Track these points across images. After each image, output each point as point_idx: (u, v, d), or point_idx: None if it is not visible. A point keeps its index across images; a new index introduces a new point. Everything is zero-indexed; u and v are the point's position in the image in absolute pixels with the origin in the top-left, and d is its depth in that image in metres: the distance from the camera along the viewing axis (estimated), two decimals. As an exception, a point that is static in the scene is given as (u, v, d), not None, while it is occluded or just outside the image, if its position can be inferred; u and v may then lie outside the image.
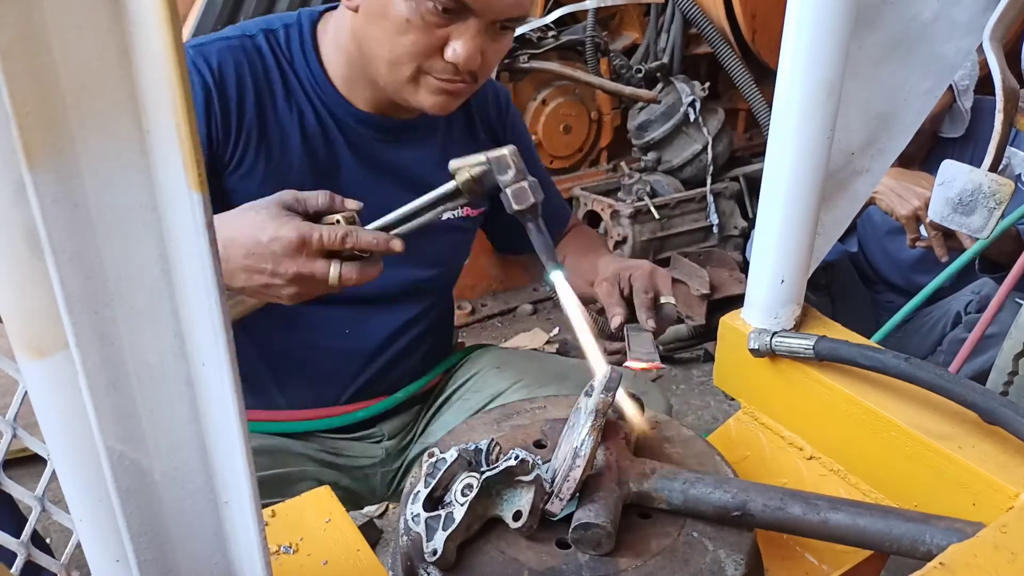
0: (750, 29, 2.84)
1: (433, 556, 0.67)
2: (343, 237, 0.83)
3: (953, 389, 0.78)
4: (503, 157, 0.84)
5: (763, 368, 0.97)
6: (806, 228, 0.91)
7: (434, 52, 0.99)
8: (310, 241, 0.82)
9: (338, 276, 0.84)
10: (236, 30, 1.11)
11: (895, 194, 1.75)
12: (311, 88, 1.11)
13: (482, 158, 0.84)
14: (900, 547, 0.69)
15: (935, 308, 2.03)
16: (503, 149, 0.84)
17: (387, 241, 0.85)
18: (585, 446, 0.70)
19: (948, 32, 0.91)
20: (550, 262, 0.86)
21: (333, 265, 0.84)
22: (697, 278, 2.78)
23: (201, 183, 0.36)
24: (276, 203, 0.85)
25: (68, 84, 0.34)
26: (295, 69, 1.10)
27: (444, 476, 0.70)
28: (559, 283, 0.85)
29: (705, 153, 2.97)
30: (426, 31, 0.97)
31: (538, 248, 0.87)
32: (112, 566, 0.44)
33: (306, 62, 1.11)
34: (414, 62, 1.00)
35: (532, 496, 0.69)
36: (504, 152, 0.84)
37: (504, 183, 0.84)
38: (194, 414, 0.42)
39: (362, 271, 0.85)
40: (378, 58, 1.02)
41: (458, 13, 0.96)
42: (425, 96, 1.04)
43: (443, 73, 1.01)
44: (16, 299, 0.37)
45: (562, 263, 1.32)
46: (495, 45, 1.03)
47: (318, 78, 1.11)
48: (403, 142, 1.17)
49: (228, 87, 1.05)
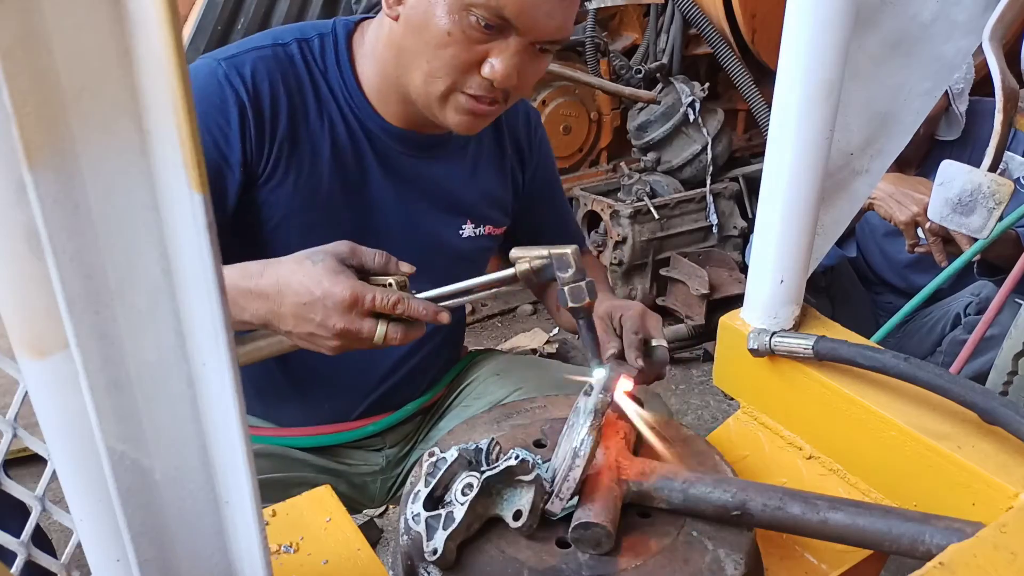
0: (750, 29, 2.84)
1: (433, 555, 0.67)
2: (394, 303, 0.85)
3: (953, 389, 0.78)
4: (565, 256, 0.86)
5: (762, 368, 0.97)
6: (805, 228, 0.91)
7: (472, 68, 0.99)
8: (363, 301, 0.83)
9: (383, 337, 0.86)
10: (268, 38, 1.10)
11: (894, 200, 1.75)
12: (343, 100, 1.10)
13: (544, 252, 0.87)
14: (899, 547, 0.69)
15: (934, 309, 2.03)
16: (566, 248, 0.87)
17: (436, 313, 0.87)
18: (585, 446, 0.70)
19: (948, 32, 0.91)
20: (595, 359, 0.89)
21: (380, 324, 0.85)
22: (696, 278, 2.80)
23: (202, 183, 0.36)
24: (333, 255, 0.86)
25: (68, 84, 0.34)
26: (328, 80, 1.10)
27: (444, 475, 0.70)
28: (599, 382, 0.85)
29: (705, 153, 2.97)
30: (466, 45, 0.97)
31: (586, 344, 0.90)
32: (112, 566, 0.44)
33: (340, 73, 1.10)
34: (450, 76, 1.00)
35: (532, 496, 0.69)
36: (567, 251, 0.86)
37: (563, 281, 0.87)
38: (194, 414, 0.42)
39: (406, 333, 0.87)
40: (415, 69, 1.02)
41: (500, 30, 0.96)
42: (452, 115, 1.04)
43: (477, 90, 1.00)
44: (16, 299, 0.37)
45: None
46: (532, 66, 1.02)
47: (351, 89, 1.10)
48: (434, 157, 1.17)
49: (263, 101, 1.04)
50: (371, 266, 0.88)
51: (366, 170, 1.12)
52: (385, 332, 0.85)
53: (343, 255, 0.86)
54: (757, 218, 0.94)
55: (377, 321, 0.85)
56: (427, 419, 1.35)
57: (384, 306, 0.84)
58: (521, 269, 0.87)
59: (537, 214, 1.36)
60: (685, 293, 2.62)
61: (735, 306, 1.03)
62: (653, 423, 0.82)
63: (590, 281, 0.87)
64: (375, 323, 0.85)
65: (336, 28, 1.12)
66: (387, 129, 1.12)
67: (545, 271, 0.87)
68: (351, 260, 0.87)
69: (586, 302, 0.87)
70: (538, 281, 0.88)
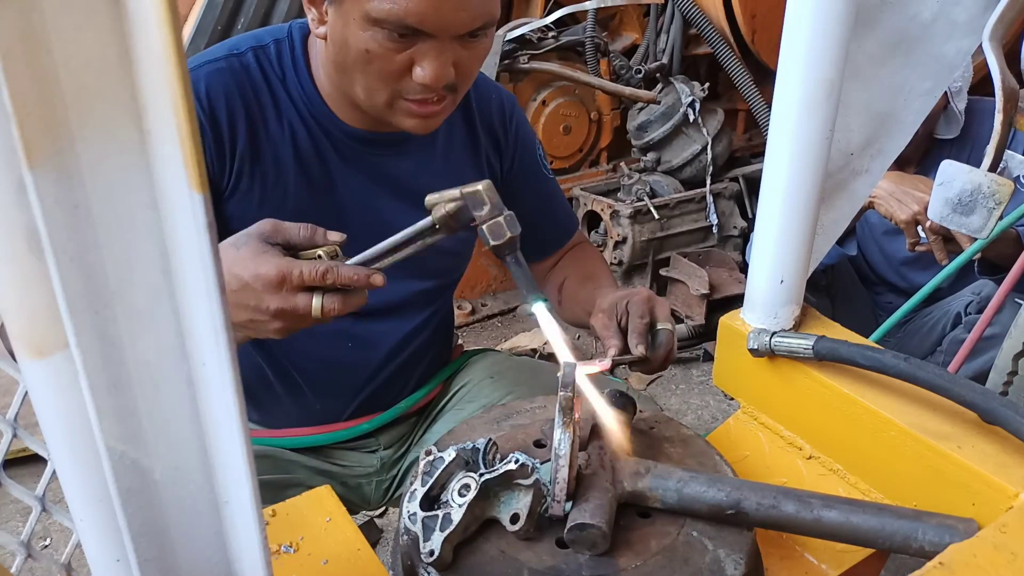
0: (750, 29, 2.84)
1: (430, 557, 0.67)
2: (323, 273, 0.82)
3: (953, 389, 0.78)
4: (477, 192, 0.83)
5: (762, 368, 0.97)
6: (805, 228, 0.91)
7: (403, 74, 0.98)
8: (290, 277, 0.81)
9: (320, 308, 0.83)
10: (223, 49, 1.09)
11: (894, 199, 1.75)
12: (303, 105, 1.09)
13: (456, 193, 0.83)
14: (893, 544, 0.69)
15: (935, 308, 2.03)
16: (478, 184, 0.83)
17: (367, 276, 0.84)
18: (562, 446, 0.70)
19: (948, 32, 0.91)
20: (531, 294, 0.85)
21: (315, 297, 0.83)
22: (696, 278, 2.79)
23: (202, 183, 0.36)
24: (255, 237, 0.84)
25: (68, 84, 0.34)
26: (287, 86, 1.09)
27: (441, 475, 0.70)
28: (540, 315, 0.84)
29: (704, 153, 2.97)
30: (389, 57, 0.96)
31: (517, 281, 0.87)
32: (112, 566, 0.44)
33: (297, 78, 1.09)
34: (386, 87, 0.99)
35: (530, 500, 0.69)
36: (478, 187, 0.83)
37: (480, 218, 0.83)
38: (194, 414, 0.42)
39: (345, 302, 0.85)
40: (353, 84, 1.01)
41: (415, 36, 0.95)
42: (403, 119, 1.03)
43: (418, 93, 0.99)
44: (16, 299, 0.37)
45: (561, 285, 1.32)
46: (469, 53, 1.00)
47: (309, 94, 1.09)
48: (401, 153, 1.16)
49: (219, 114, 1.04)
50: (297, 240, 0.86)
51: (332, 173, 1.12)
52: (321, 304, 0.83)
53: (266, 234, 0.84)
54: (757, 218, 0.94)
55: (311, 294, 0.83)
56: (421, 421, 1.35)
57: (313, 278, 0.82)
58: (438, 215, 0.83)
59: (523, 201, 1.31)
60: (685, 293, 2.62)
61: (735, 306, 1.03)
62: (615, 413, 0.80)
63: (509, 215, 0.84)
64: (309, 296, 0.83)
65: (292, 32, 1.10)
66: (348, 131, 1.11)
67: (462, 213, 0.83)
68: (275, 238, 0.85)
69: (507, 237, 0.83)
70: (457, 225, 0.84)
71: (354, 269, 0.84)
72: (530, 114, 2.93)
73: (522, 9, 3.01)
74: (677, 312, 2.68)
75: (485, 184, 0.83)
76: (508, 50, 2.75)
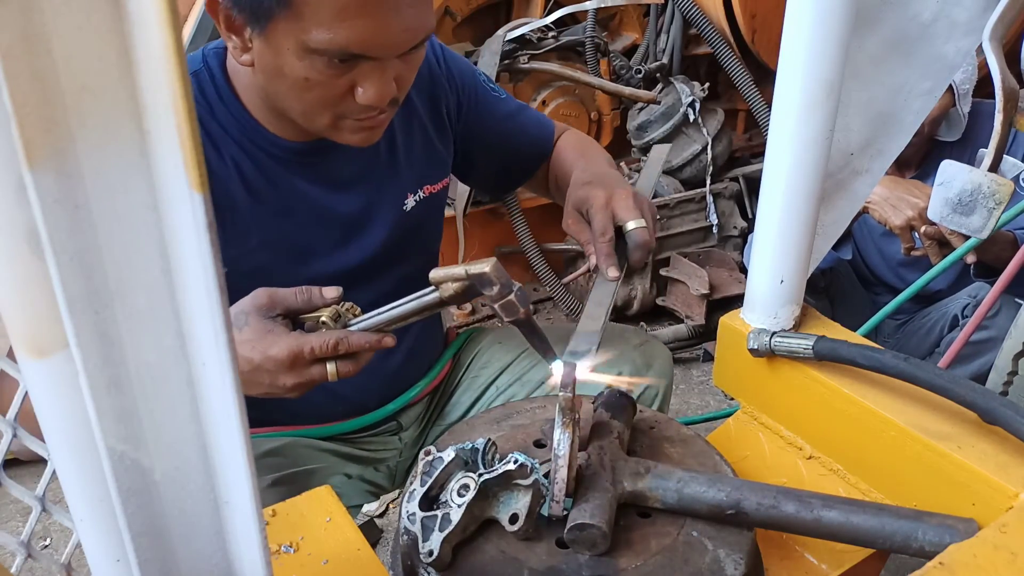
0: (750, 29, 2.84)
1: (429, 557, 0.67)
2: (334, 346, 0.82)
3: (953, 389, 0.79)
4: (484, 275, 0.81)
5: (762, 368, 0.97)
6: (805, 228, 0.91)
7: (345, 96, 0.95)
8: (302, 356, 0.81)
9: (336, 375, 0.84)
10: None
11: (888, 204, 1.75)
12: (239, 133, 1.05)
13: (461, 272, 0.82)
14: (893, 544, 0.69)
15: (933, 310, 2.03)
16: (484, 265, 0.81)
17: (379, 341, 0.85)
18: (561, 446, 0.70)
19: (948, 32, 0.91)
20: (548, 357, 0.87)
21: (329, 365, 0.84)
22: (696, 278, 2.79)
23: (202, 183, 0.36)
24: (254, 313, 0.83)
25: (68, 84, 0.34)
26: (217, 118, 1.04)
27: (440, 475, 0.70)
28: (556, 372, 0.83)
29: (705, 153, 2.97)
30: (330, 83, 0.92)
31: (535, 347, 0.88)
32: (112, 566, 0.44)
33: (225, 107, 1.04)
34: (327, 111, 0.96)
35: (529, 500, 0.69)
36: (485, 269, 0.81)
37: (491, 299, 0.83)
38: (194, 414, 0.42)
39: (357, 363, 0.86)
40: (290, 109, 0.98)
41: (355, 59, 0.91)
42: (348, 136, 1.00)
43: (360, 114, 0.97)
44: (16, 299, 0.37)
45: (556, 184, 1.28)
46: (408, 66, 0.98)
47: (241, 120, 1.05)
48: (351, 155, 1.12)
49: None
50: (296, 306, 0.85)
51: (283, 190, 1.08)
52: (336, 371, 0.84)
53: (264, 307, 0.84)
54: (757, 218, 0.94)
55: (325, 364, 0.84)
56: (437, 397, 1.36)
57: (325, 352, 0.82)
58: (447, 294, 0.84)
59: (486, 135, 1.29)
60: (685, 293, 2.62)
61: (735, 306, 1.03)
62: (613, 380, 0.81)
63: (520, 290, 0.83)
64: (323, 367, 0.84)
65: (208, 60, 1.05)
66: (290, 148, 1.07)
67: (469, 291, 0.83)
68: (275, 310, 0.84)
69: (521, 313, 0.83)
70: (466, 299, 0.84)
71: (365, 336, 0.84)
72: (530, 114, 2.93)
73: (522, 9, 3.01)
74: (677, 312, 2.68)
75: (492, 265, 0.81)
76: (508, 50, 2.75)
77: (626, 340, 1.27)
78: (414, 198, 1.20)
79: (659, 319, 2.78)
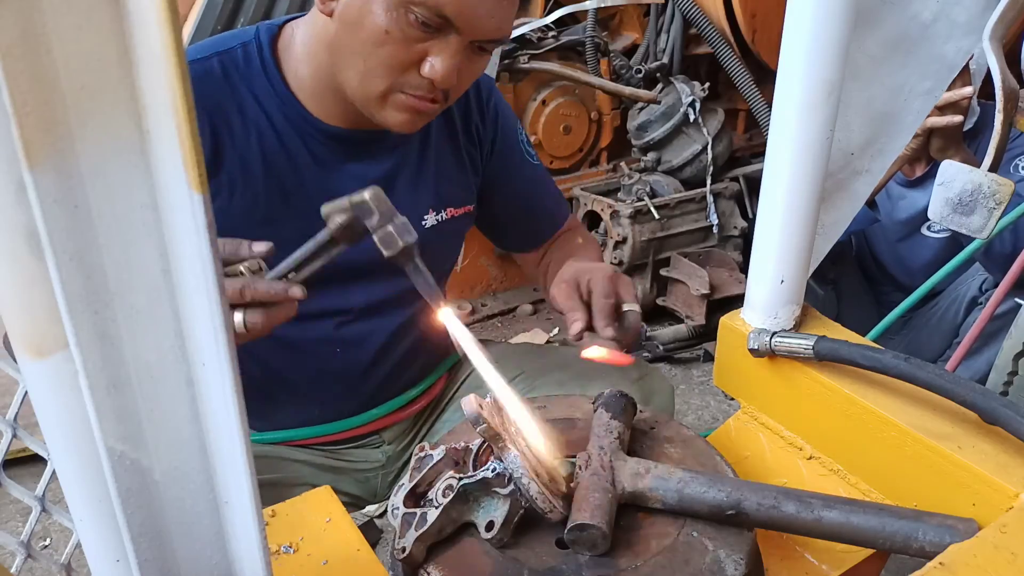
0: (750, 29, 2.84)
1: (402, 554, 0.67)
2: (240, 291, 0.80)
3: (953, 389, 0.78)
4: (364, 202, 0.78)
5: (763, 368, 0.97)
6: (806, 228, 0.91)
7: (411, 66, 0.96)
8: None
9: (243, 325, 0.82)
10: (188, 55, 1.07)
11: None
12: (273, 105, 1.06)
13: (345, 203, 0.78)
14: (893, 544, 0.69)
15: (940, 299, 2.01)
16: (364, 192, 0.78)
17: (285, 290, 0.82)
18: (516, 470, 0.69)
19: (948, 32, 0.91)
20: (435, 303, 0.83)
21: (236, 314, 0.81)
22: (697, 278, 2.79)
23: (201, 183, 0.36)
24: None
25: (68, 84, 0.34)
26: (253, 88, 1.05)
27: (429, 473, 0.70)
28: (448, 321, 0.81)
29: (705, 153, 2.97)
30: (405, 44, 0.94)
31: (420, 289, 0.84)
32: (112, 566, 0.44)
33: (267, 78, 1.05)
34: (388, 76, 0.96)
35: (507, 509, 0.69)
36: (364, 196, 0.78)
37: (371, 228, 0.78)
38: (194, 414, 0.42)
39: (268, 316, 0.83)
40: (350, 68, 0.98)
41: (440, 29, 0.93)
42: (392, 113, 1.00)
43: (417, 89, 0.97)
44: (16, 299, 0.37)
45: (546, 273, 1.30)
46: (471, 66, 1.00)
47: (281, 95, 1.06)
48: (376, 153, 1.12)
49: None
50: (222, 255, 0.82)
51: (304, 175, 1.08)
52: (243, 321, 0.81)
53: None
54: (757, 218, 0.94)
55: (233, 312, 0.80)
56: (426, 414, 1.34)
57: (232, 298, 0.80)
58: (333, 227, 0.80)
59: (506, 189, 1.29)
60: (685, 293, 2.62)
61: (735, 306, 1.03)
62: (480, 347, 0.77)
63: (401, 221, 0.79)
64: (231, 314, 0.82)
65: (259, 33, 1.07)
66: (323, 130, 1.07)
67: (356, 224, 0.78)
68: None
69: (400, 247, 0.78)
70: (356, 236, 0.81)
71: (270, 284, 0.82)
72: (530, 114, 2.93)
73: (522, 9, 3.01)
74: (677, 312, 2.68)
75: (372, 191, 0.78)
76: (508, 50, 2.75)
77: (624, 374, 1.25)
78: (435, 216, 1.19)
79: (659, 319, 2.78)
